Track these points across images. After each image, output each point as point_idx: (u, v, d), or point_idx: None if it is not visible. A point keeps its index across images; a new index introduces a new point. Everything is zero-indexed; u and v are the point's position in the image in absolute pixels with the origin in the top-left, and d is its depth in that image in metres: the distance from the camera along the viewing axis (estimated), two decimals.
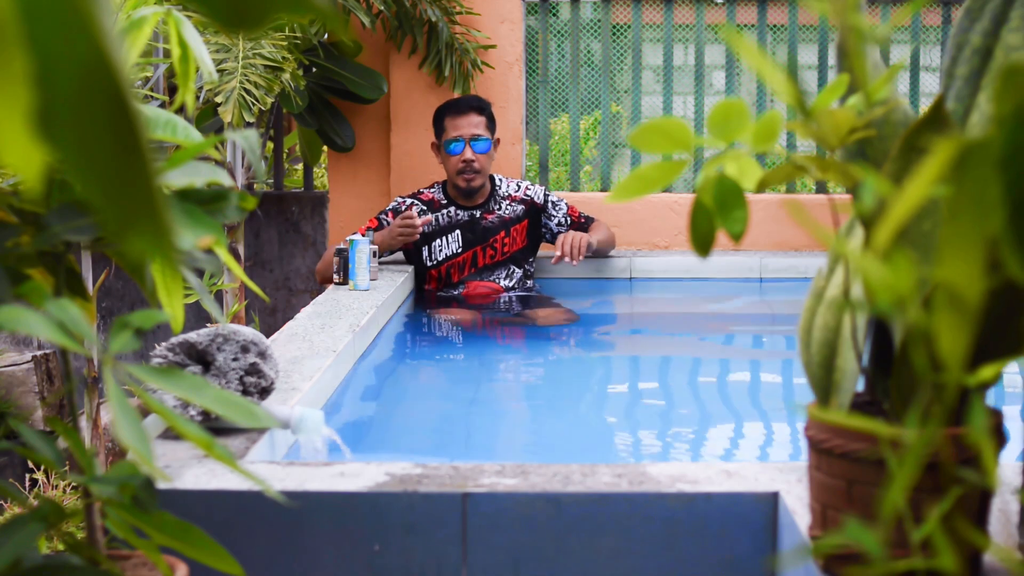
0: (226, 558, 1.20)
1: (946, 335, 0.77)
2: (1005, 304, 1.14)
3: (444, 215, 4.29)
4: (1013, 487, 1.47)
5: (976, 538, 1.14)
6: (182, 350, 1.98)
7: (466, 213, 4.30)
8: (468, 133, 4.19)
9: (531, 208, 4.35)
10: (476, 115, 4.22)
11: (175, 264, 0.53)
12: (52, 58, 0.50)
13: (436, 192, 4.33)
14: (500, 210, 4.32)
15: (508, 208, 4.33)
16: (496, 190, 4.35)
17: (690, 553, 1.65)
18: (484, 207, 4.32)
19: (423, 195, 4.33)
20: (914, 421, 0.89)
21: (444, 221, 4.29)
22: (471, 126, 4.20)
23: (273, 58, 3.78)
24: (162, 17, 1.60)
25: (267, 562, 1.66)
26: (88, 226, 1.18)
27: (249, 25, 0.53)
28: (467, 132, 4.20)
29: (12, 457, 3.75)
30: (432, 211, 4.29)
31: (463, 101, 4.29)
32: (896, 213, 0.78)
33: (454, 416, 2.89)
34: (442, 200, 4.31)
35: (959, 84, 1.33)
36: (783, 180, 1.18)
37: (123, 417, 1.05)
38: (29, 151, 0.49)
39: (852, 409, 1.32)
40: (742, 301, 4.50)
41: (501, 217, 4.31)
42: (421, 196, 4.33)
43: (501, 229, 4.31)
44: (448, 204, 4.31)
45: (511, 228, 4.32)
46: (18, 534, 1.08)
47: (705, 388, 3.30)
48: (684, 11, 5.23)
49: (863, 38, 1.12)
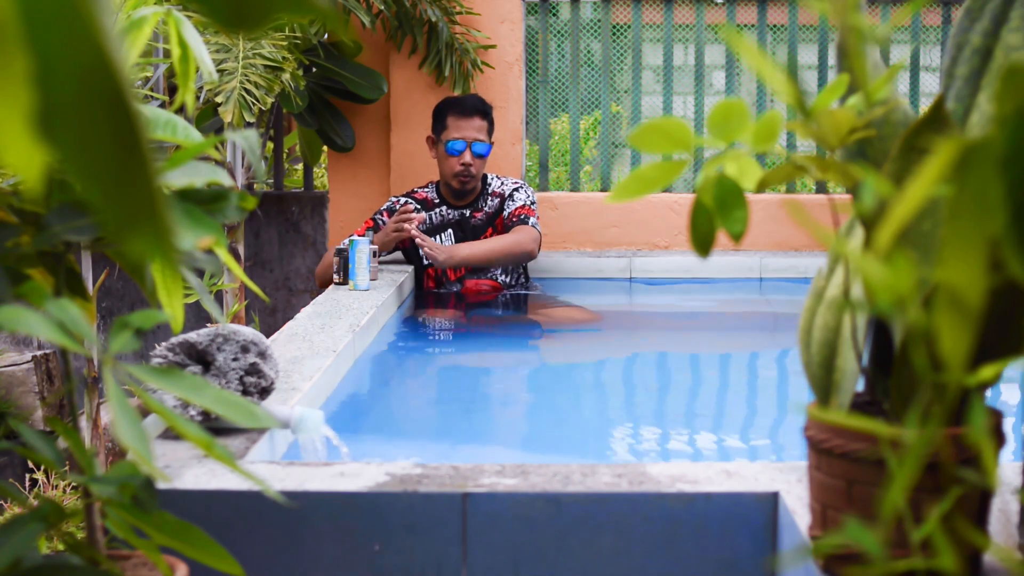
0: (226, 558, 1.20)
1: (948, 335, 0.77)
2: (1005, 304, 1.14)
3: (437, 214, 4.30)
4: (1013, 487, 1.47)
5: (976, 538, 1.14)
6: (182, 350, 1.97)
7: (456, 212, 4.31)
8: (471, 136, 4.19)
9: (502, 201, 4.35)
10: (480, 119, 4.22)
11: (175, 265, 0.53)
12: (52, 59, 0.49)
13: (430, 191, 4.34)
14: (486, 207, 4.32)
15: (491, 204, 4.33)
16: (486, 188, 4.35)
17: (690, 553, 1.65)
18: (473, 205, 4.32)
19: (417, 194, 4.33)
20: (914, 421, 0.89)
21: (437, 220, 4.30)
22: (475, 130, 4.20)
23: (273, 58, 3.78)
24: (162, 17, 1.60)
25: (267, 562, 1.66)
26: (88, 226, 1.18)
27: (249, 25, 0.53)
28: (470, 135, 4.19)
29: (12, 457, 3.75)
30: (426, 210, 4.29)
31: (468, 102, 4.28)
32: (898, 214, 0.78)
33: (454, 416, 2.89)
34: (435, 199, 4.32)
35: (959, 84, 1.33)
36: (783, 180, 1.18)
37: (123, 417, 1.05)
38: (29, 152, 0.49)
39: (852, 409, 1.32)
40: (742, 301, 4.50)
41: (487, 213, 4.32)
42: (415, 195, 4.33)
43: (488, 226, 4.31)
44: (440, 203, 4.31)
45: (495, 223, 4.32)
46: (18, 534, 1.08)
47: (705, 388, 3.30)
48: (684, 11, 5.23)
49: (863, 38, 1.12)
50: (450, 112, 4.24)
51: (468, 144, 4.19)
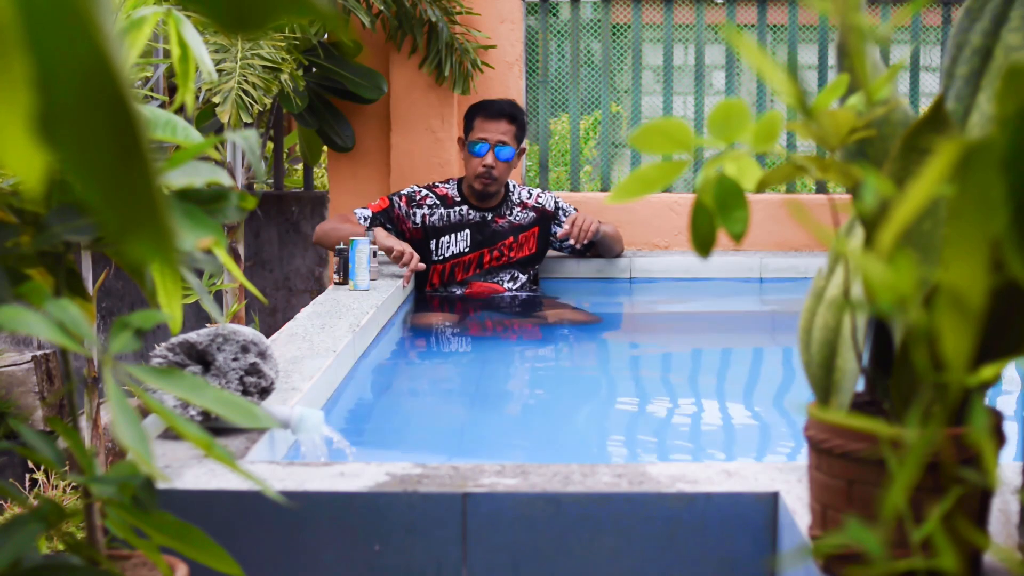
0: (225, 558, 1.20)
1: (950, 336, 0.77)
2: (1005, 304, 1.14)
3: (456, 212, 4.29)
4: (1013, 487, 1.47)
5: (976, 538, 1.14)
6: (182, 350, 1.97)
7: (478, 214, 4.30)
8: (495, 139, 4.19)
9: (542, 216, 4.37)
10: (507, 123, 4.22)
11: (176, 267, 0.53)
12: (53, 61, 0.49)
13: (451, 188, 4.33)
14: (511, 215, 4.33)
15: (519, 214, 4.34)
16: (509, 195, 4.36)
17: (690, 553, 1.65)
18: (496, 210, 4.32)
19: (438, 189, 4.32)
20: (915, 421, 0.89)
21: (455, 218, 4.29)
22: (499, 132, 4.20)
23: (272, 59, 3.78)
24: (162, 17, 1.60)
25: (267, 562, 1.66)
26: (88, 226, 1.18)
27: (250, 27, 0.53)
28: (494, 138, 4.19)
29: (12, 457, 3.75)
30: (445, 206, 4.29)
31: (497, 106, 4.27)
32: (900, 214, 0.78)
33: (454, 416, 2.89)
34: (456, 197, 4.31)
35: (959, 84, 1.33)
36: (783, 180, 1.18)
37: (123, 417, 1.05)
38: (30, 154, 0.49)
39: (852, 409, 1.32)
40: (742, 301, 4.50)
41: (511, 222, 4.32)
42: (436, 190, 4.32)
43: (510, 234, 4.31)
44: (461, 202, 4.31)
45: (519, 234, 4.32)
46: (18, 534, 1.08)
47: (705, 388, 3.30)
48: (684, 11, 5.23)
49: (863, 38, 1.12)
50: (478, 114, 4.25)
51: (492, 146, 4.19)
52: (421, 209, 4.27)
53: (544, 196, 4.41)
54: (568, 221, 4.28)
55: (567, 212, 4.40)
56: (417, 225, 4.26)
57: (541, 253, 4.39)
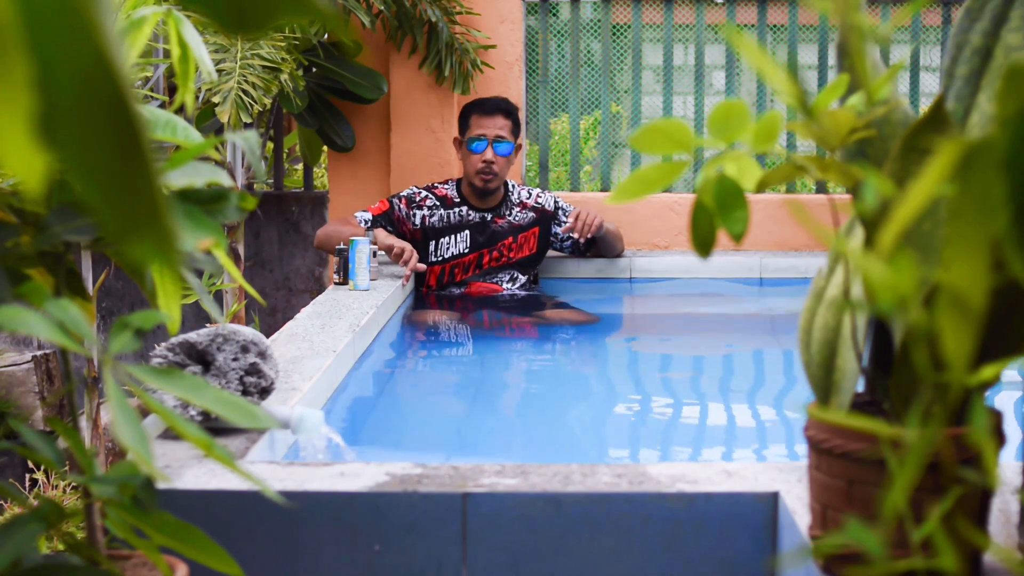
0: (225, 559, 1.20)
1: (950, 336, 0.77)
2: (1006, 304, 1.14)
3: (455, 213, 4.29)
4: (1013, 487, 1.47)
5: (976, 538, 1.14)
6: (182, 350, 1.97)
7: (477, 214, 4.30)
8: (492, 134, 4.20)
9: (542, 216, 4.37)
10: (503, 118, 4.23)
11: (176, 268, 0.53)
12: (53, 62, 0.49)
13: (450, 189, 4.33)
14: (511, 215, 4.33)
15: (519, 215, 4.34)
16: (508, 195, 4.35)
17: (690, 553, 1.65)
18: (496, 211, 4.32)
19: (437, 190, 4.32)
20: (915, 421, 0.89)
21: (455, 219, 4.29)
22: (496, 127, 4.21)
23: (271, 59, 3.78)
24: (162, 17, 1.60)
25: (267, 562, 1.66)
26: (88, 226, 1.18)
27: (250, 27, 0.53)
28: (491, 133, 4.20)
29: (12, 457, 3.75)
30: (444, 207, 4.29)
31: (491, 102, 4.29)
32: (901, 214, 0.78)
33: (454, 416, 2.89)
34: (455, 198, 4.31)
35: (959, 84, 1.33)
36: (783, 180, 1.18)
37: (123, 417, 1.05)
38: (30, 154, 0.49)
39: (852, 409, 1.32)
40: (742, 301, 4.50)
41: (511, 223, 4.32)
42: (435, 191, 4.32)
43: (509, 235, 4.31)
44: (461, 203, 4.30)
45: (519, 235, 4.32)
46: (18, 534, 1.08)
47: (705, 388, 3.30)
48: (684, 11, 5.23)
49: (863, 38, 1.12)
50: (474, 111, 4.26)
51: (490, 141, 4.19)
52: (421, 210, 4.27)
53: (544, 196, 4.41)
54: (572, 215, 4.28)
55: (567, 212, 4.40)
56: (417, 226, 4.26)
57: (541, 253, 4.39)
